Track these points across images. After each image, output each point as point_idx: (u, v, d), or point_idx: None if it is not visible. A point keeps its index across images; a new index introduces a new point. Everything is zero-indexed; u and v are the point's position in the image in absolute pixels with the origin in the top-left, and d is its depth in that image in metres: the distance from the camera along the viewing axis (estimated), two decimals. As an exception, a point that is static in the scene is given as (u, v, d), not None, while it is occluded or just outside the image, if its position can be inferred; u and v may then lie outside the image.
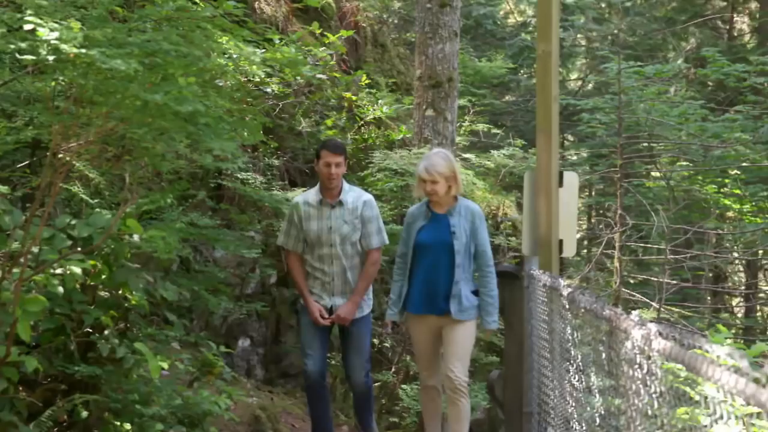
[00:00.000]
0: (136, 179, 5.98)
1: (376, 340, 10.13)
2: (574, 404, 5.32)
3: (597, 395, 4.86)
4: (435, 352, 6.72)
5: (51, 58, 4.05)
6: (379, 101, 10.88)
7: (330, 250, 6.79)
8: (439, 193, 6.52)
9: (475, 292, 6.60)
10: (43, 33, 4.00)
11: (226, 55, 5.44)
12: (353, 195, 6.91)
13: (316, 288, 6.86)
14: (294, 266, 6.91)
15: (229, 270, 8.73)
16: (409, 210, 6.91)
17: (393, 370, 9.39)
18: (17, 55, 4.22)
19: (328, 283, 6.83)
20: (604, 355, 4.61)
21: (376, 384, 9.38)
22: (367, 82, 11.12)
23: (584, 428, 5.09)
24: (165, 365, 5.64)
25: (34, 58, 4.10)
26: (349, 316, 6.78)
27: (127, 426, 5.58)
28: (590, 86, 21.86)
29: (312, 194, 6.93)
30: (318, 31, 9.73)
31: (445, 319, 6.54)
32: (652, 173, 17.47)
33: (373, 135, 10.88)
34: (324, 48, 9.26)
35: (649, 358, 3.63)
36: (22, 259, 4.61)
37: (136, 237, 5.57)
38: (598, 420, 4.77)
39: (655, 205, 14.65)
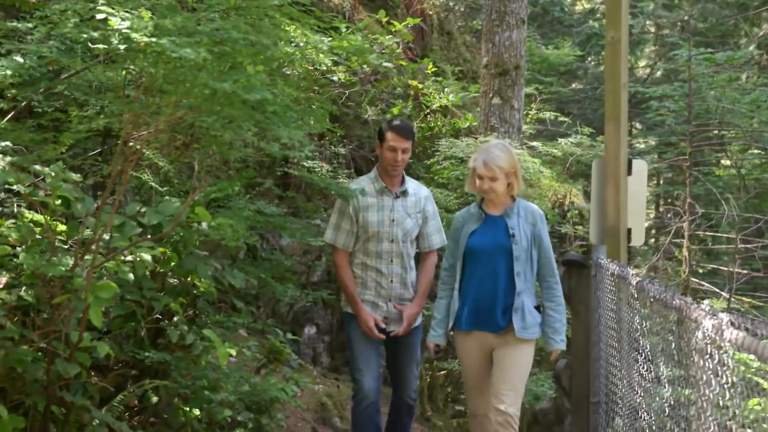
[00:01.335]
0: (205, 167, 6.04)
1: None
2: (642, 394, 5.27)
3: (666, 385, 4.81)
4: (489, 375, 5.84)
5: (122, 47, 4.10)
6: (446, 89, 10.84)
7: (391, 246, 5.93)
8: (498, 191, 5.71)
9: (536, 308, 5.84)
10: (115, 22, 4.05)
11: (293, 44, 5.46)
12: (414, 186, 6.14)
13: (368, 293, 5.96)
14: (344, 267, 5.99)
15: (295, 258, 8.78)
16: (456, 215, 6.02)
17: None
18: (89, 45, 4.29)
19: (384, 287, 5.95)
20: (673, 345, 4.56)
21: (442, 372, 9.38)
22: (433, 70, 11.09)
23: (653, 418, 5.04)
24: (233, 352, 5.70)
25: (105, 47, 4.16)
26: (412, 318, 5.97)
27: (196, 412, 5.65)
28: (659, 73, 21.59)
29: (368, 181, 6.05)
30: (384, 20, 9.72)
31: (501, 338, 5.72)
32: (722, 161, 17.26)
33: (439, 123, 10.85)
34: (390, 36, 9.25)
35: (720, 348, 3.59)
36: (93, 246, 4.68)
37: (204, 225, 5.63)
38: (667, 410, 4.72)
39: (725, 193, 14.49)
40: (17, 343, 4.53)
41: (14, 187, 4.62)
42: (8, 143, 4.41)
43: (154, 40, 4.03)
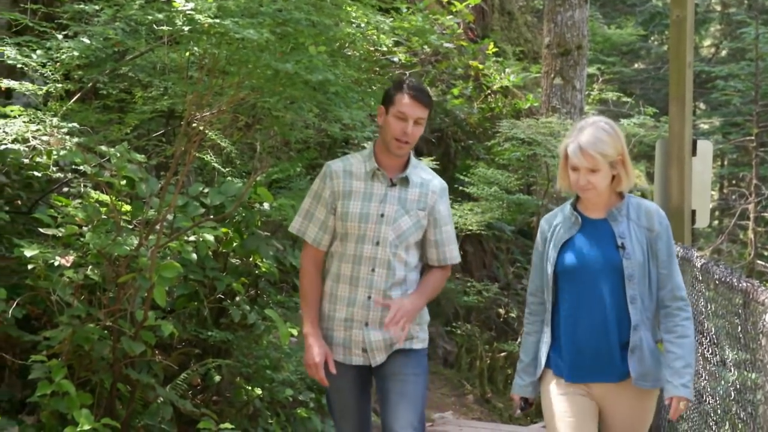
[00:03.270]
0: (266, 148, 6.06)
1: (501, 310, 10.08)
2: (707, 378, 5.22)
3: (732, 369, 4.74)
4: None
5: (186, 28, 4.14)
6: (506, 70, 10.79)
7: (375, 251, 4.11)
8: (599, 187, 3.93)
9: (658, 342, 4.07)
10: (179, 4, 4.08)
11: (354, 24, 5.46)
12: (422, 175, 4.27)
13: (339, 312, 4.16)
14: (308, 270, 4.25)
15: (355, 239, 8.78)
16: (544, 219, 4.20)
17: (519, 340, 9.34)
18: (154, 26, 4.33)
19: (360, 306, 4.12)
20: (739, 328, 4.50)
21: (502, 354, 9.34)
22: (494, 50, 11.04)
23: (718, 402, 4.98)
24: (294, 332, 5.73)
25: (170, 28, 4.20)
26: (403, 314, 4.01)
27: (258, 391, 5.70)
28: (724, 53, 21.25)
29: (358, 160, 4.29)
30: (445, 0, 9.68)
31: (616, 388, 3.97)
32: (790, 142, 16.95)
33: (499, 104, 10.81)
34: (451, 16, 9.21)
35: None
36: (157, 226, 4.73)
37: (266, 205, 5.67)
38: (732, 394, 4.66)
39: (792, 175, 14.23)
40: (84, 322, 4.61)
41: (81, 167, 4.69)
42: (75, 124, 4.47)
43: (217, 21, 4.06)
